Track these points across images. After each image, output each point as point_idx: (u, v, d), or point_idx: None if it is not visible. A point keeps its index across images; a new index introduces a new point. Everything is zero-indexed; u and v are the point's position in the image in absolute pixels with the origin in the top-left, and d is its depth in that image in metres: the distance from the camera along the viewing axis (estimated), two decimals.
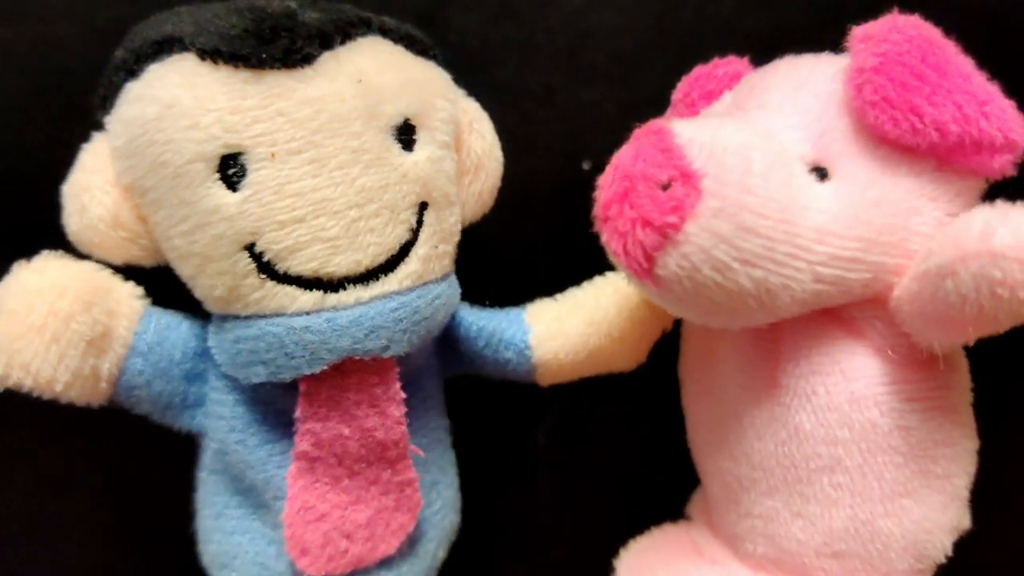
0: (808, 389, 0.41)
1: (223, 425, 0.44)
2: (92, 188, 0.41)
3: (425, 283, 0.43)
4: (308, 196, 0.39)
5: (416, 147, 0.43)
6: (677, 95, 0.50)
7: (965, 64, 0.40)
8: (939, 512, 0.42)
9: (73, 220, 0.42)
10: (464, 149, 0.48)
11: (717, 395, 0.47)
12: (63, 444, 0.58)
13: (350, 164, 0.40)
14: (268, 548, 0.45)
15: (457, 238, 0.47)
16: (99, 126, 0.42)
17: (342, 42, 0.41)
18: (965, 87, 0.38)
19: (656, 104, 0.51)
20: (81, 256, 0.42)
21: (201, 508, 0.47)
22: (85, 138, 0.43)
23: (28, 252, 0.42)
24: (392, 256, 0.42)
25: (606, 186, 0.39)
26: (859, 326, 0.41)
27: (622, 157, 0.39)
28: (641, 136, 0.39)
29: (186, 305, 0.45)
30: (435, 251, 0.44)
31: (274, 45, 0.39)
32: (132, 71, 0.40)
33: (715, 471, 0.47)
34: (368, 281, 0.41)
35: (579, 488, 0.63)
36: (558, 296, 0.52)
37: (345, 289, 0.41)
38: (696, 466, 0.51)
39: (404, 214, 0.42)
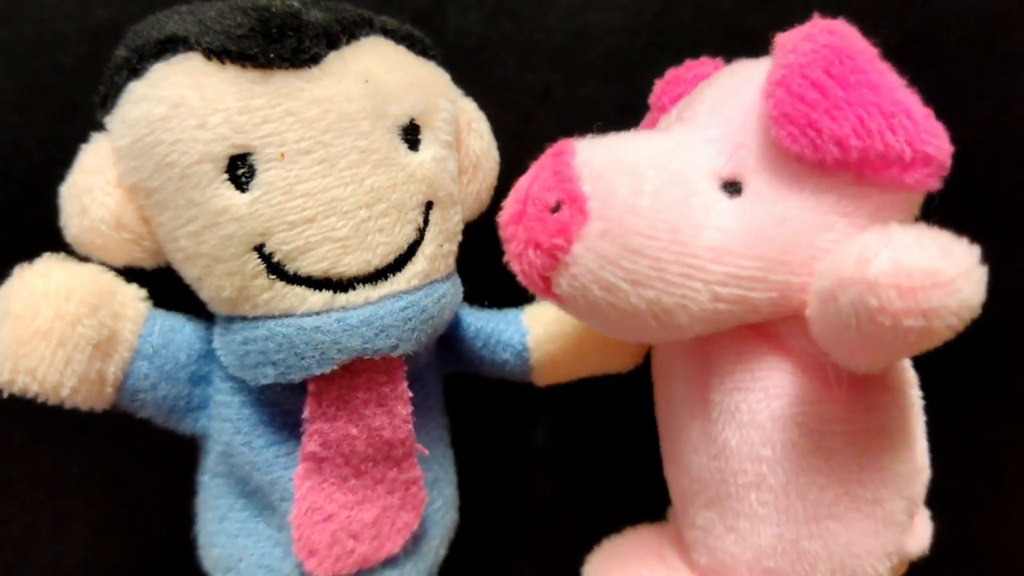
0: (732, 406, 0.41)
1: (229, 427, 0.44)
2: (93, 189, 0.40)
3: (431, 282, 0.44)
4: (318, 196, 0.39)
5: (421, 147, 0.43)
6: (652, 99, 0.50)
7: (878, 73, 0.38)
8: (869, 537, 0.41)
9: (73, 222, 0.41)
10: (463, 149, 0.48)
11: (668, 406, 0.47)
12: (62, 444, 0.57)
13: (359, 164, 0.40)
14: (274, 550, 0.45)
15: (460, 237, 0.47)
16: (98, 126, 0.42)
17: (347, 42, 0.41)
18: (871, 99, 0.36)
19: None
20: (80, 258, 0.42)
21: (204, 511, 0.47)
22: (84, 138, 0.42)
23: (27, 252, 0.41)
24: (400, 256, 0.42)
25: (505, 207, 0.40)
26: (785, 343, 0.41)
27: (522, 179, 0.40)
28: (544, 157, 0.40)
29: (185, 306, 0.45)
30: (440, 250, 0.44)
31: (282, 45, 0.39)
32: (135, 70, 0.39)
33: (670, 479, 0.48)
34: (377, 281, 0.41)
35: (577, 487, 0.64)
36: None
37: (354, 289, 0.40)
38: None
39: (411, 214, 0.42)
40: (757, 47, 0.48)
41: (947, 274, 0.30)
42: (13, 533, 0.58)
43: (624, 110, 0.52)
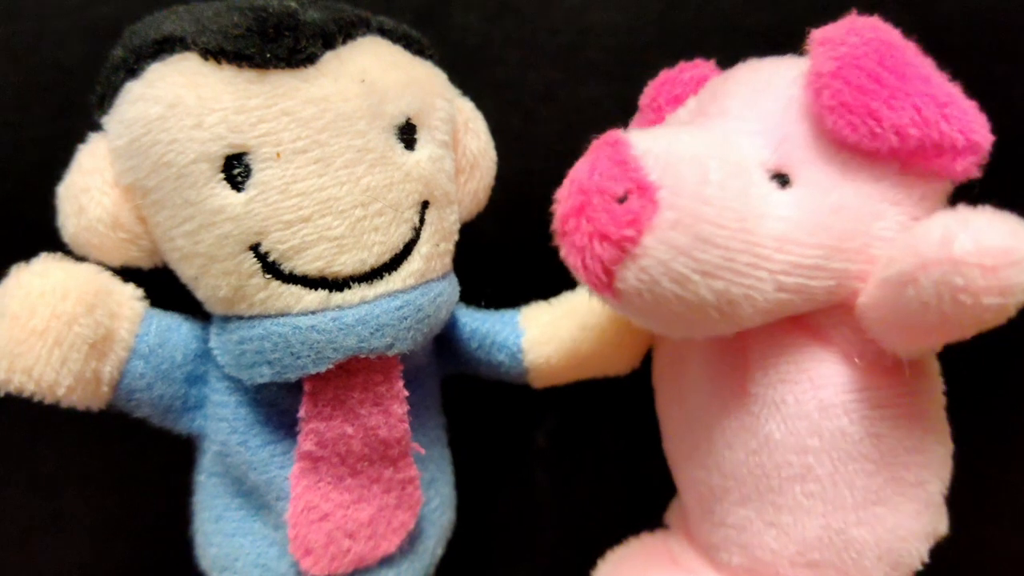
0: (777, 398, 0.41)
1: (225, 427, 0.44)
2: (90, 189, 0.40)
3: (427, 281, 0.43)
4: (314, 195, 0.39)
5: (418, 146, 0.43)
6: (644, 100, 0.50)
7: (924, 66, 0.39)
8: (913, 519, 0.41)
9: (70, 222, 0.41)
10: (460, 148, 0.48)
11: (686, 403, 0.46)
12: (62, 444, 0.57)
13: (355, 163, 0.40)
14: (270, 549, 0.45)
15: (456, 236, 0.47)
16: (96, 126, 0.42)
17: (344, 42, 0.41)
18: (924, 89, 0.37)
19: None
20: (77, 258, 0.42)
21: (200, 511, 0.47)
22: (84, 136, 0.42)
23: (25, 250, 0.41)
24: (396, 255, 0.42)
25: (563, 200, 0.39)
26: (827, 333, 0.41)
27: (578, 170, 0.39)
28: (597, 148, 0.39)
29: (181, 307, 0.45)
30: (436, 249, 0.44)
31: (278, 44, 0.39)
32: (132, 71, 0.39)
33: (689, 481, 0.47)
34: (372, 280, 0.41)
35: (578, 489, 0.63)
36: (553, 300, 0.52)
37: (350, 288, 0.40)
38: (672, 475, 0.50)
39: (407, 213, 0.42)
40: (759, 47, 0.48)
41: (1021, 251, 0.31)
42: (13, 533, 0.58)
43: (627, 109, 0.52)
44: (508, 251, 0.58)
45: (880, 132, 0.37)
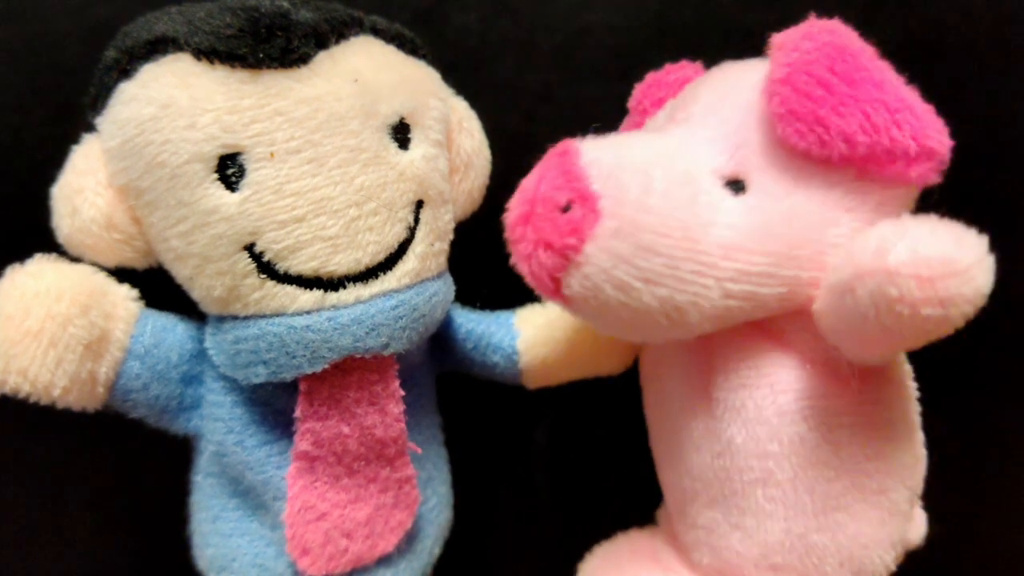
0: (738, 403, 0.41)
1: (221, 427, 0.44)
2: (84, 190, 0.40)
3: (423, 281, 0.43)
4: (308, 195, 0.39)
5: (411, 146, 0.43)
6: (632, 102, 0.50)
7: (879, 71, 0.38)
8: (876, 527, 0.41)
9: (64, 223, 0.41)
10: (454, 147, 0.48)
11: (664, 407, 0.47)
12: (62, 444, 0.57)
13: (349, 163, 0.40)
14: (267, 549, 0.45)
15: (451, 236, 0.47)
16: (89, 127, 0.42)
17: (336, 42, 0.41)
18: (875, 95, 0.37)
19: None
20: (72, 259, 0.42)
21: (197, 511, 0.47)
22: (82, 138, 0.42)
23: (25, 251, 0.41)
24: (391, 254, 0.42)
25: (512, 208, 0.39)
26: (788, 338, 0.41)
27: (528, 179, 0.39)
28: (549, 158, 0.39)
29: (176, 307, 0.45)
30: (431, 249, 0.44)
31: (270, 45, 0.39)
32: (125, 71, 0.40)
33: (666, 482, 0.48)
34: (367, 279, 0.41)
35: (576, 487, 0.63)
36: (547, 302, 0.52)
37: (345, 288, 0.40)
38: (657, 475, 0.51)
39: (402, 212, 0.42)
40: (758, 46, 0.47)
41: (963, 262, 0.30)
42: (13, 533, 0.59)
43: (625, 110, 0.52)
44: (504, 251, 0.58)
45: (828, 139, 0.37)
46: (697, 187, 0.38)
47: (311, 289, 0.40)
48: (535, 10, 0.56)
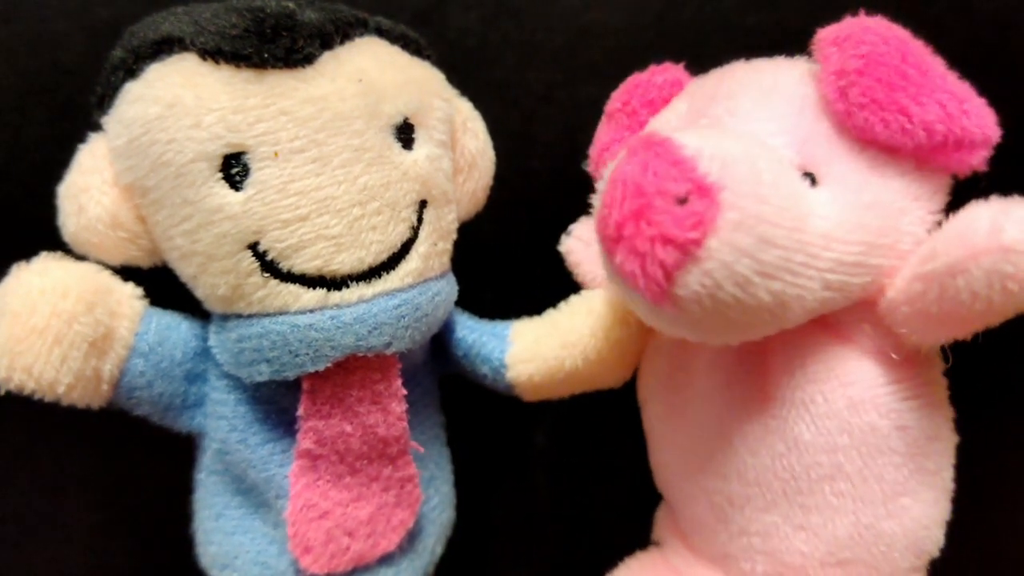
0: (805, 398, 0.41)
1: (224, 425, 0.44)
2: (90, 188, 0.41)
3: (426, 280, 0.44)
4: (311, 194, 0.39)
5: (415, 146, 0.43)
6: (613, 105, 0.49)
7: (939, 63, 0.40)
8: (933, 507, 0.42)
9: (70, 221, 0.41)
10: (458, 148, 0.48)
11: (693, 415, 0.45)
12: (62, 444, 0.57)
13: (352, 163, 0.40)
14: (269, 547, 0.45)
15: (455, 236, 0.47)
16: (95, 126, 0.42)
17: (341, 42, 0.41)
18: (945, 86, 0.38)
19: None
20: (78, 257, 0.42)
21: (200, 509, 0.47)
22: (84, 137, 0.42)
23: (26, 250, 0.41)
24: (394, 254, 0.42)
25: (616, 204, 0.35)
26: (847, 330, 0.41)
27: (629, 172, 0.36)
28: (644, 148, 0.36)
29: (180, 305, 0.45)
30: (435, 248, 0.44)
31: (275, 45, 0.39)
32: (131, 71, 0.40)
33: (697, 492, 0.46)
34: (370, 279, 0.41)
35: (577, 489, 0.63)
36: (544, 314, 0.51)
37: (348, 287, 0.41)
38: (664, 490, 0.50)
39: (405, 212, 0.42)
40: (758, 47, 0.48)
41: None
42: (13, 534, 0.59)
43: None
44: (506, 251, 0.59)
45: (910, 128, 0.38)
46: (793, 177, 0.38)
47: (314, 288, 0.40)
48: (536, 11, 0.56)
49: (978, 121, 0.38)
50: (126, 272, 0.43)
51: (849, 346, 0.41)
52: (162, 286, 0.44)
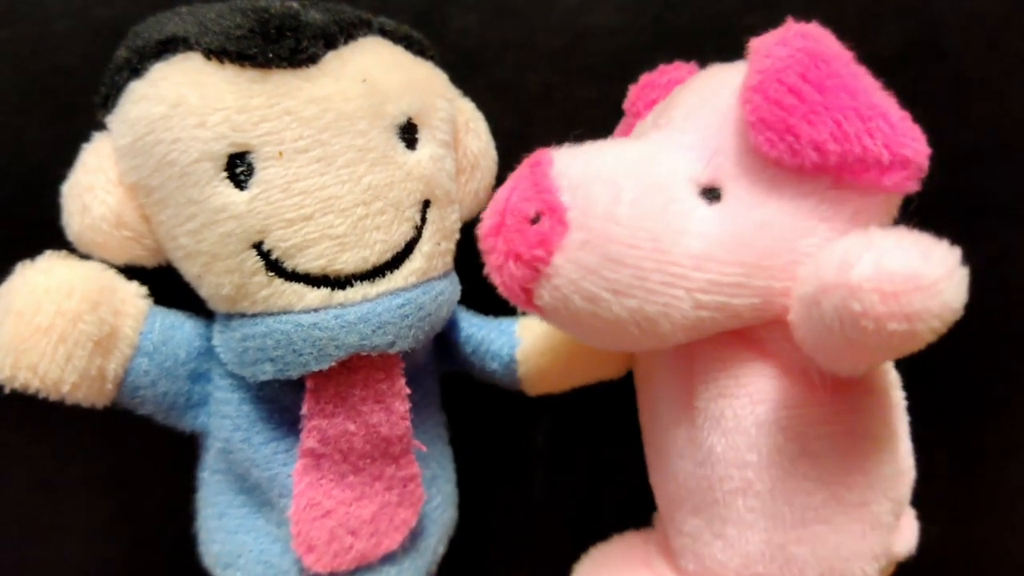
0: (717, 412, 0.41)
1: (228, 424, 0.44)
2: (95, 188, 0.41)
3: (429, 280, 0.44)
4: (316, 194, 0.39)
5: (419, 146, 0.44)
6: (627, 104, 0.50)
7: (853, 77, 0.37)
8: (857, 540, 0.40)
9: (74, 220, 0.42)
10: (460, 148, 0.48)
11: (653, 412, 0.47)
12: (62, 444, 0.57)
13: (356, 162, 0.40)
14: (273, 546, 0.45)
15: (457, 235, 0.47)
16: (100, 125, 0.42)
17: (345, 42, 0.42)
18: (848, 103, 0.36)
19: None
20: (81, 256, 0.42)
21: (203, 508, 0.47)
22: (84, 137, 0.42)
23: (27, 250, 0.41)
24: (398, 253, 0.42)
25: (484, 219, 0.40)
26: (767, 347, 0.40)
27: (500, 190, 0.40)
28: (522, 168, 0.40)
29: (184, 305, 0.45)
30: (438, 248, 0.44)
31: (280, 45, 0.39)
32: (136, 70, 0.40)
33: (655, 486, 0.48)
34: (374, 278, 0.41)
35: (576, 489, 0.63)
36: None
37: (352, 286, 0.41)
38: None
39: (409, 212, 0.42)
40: None
41: (928, 277, 0.30)
42: (13, 533, 0.58)
43: (623, 111, 0.52)
44: None
45: (799, 148, 0.36)
46: (669, 196, 0.38)
47: (318, 287, 0.40)
48: (535, 12, 0.57)
49: (886, 140, 0.36)
50: (129, 272, 0.43)
51: (767, 363, 0.40)
52: (165, 285, 0.44)
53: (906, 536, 0.46)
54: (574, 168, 0.38)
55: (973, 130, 0.40)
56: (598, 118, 0.57)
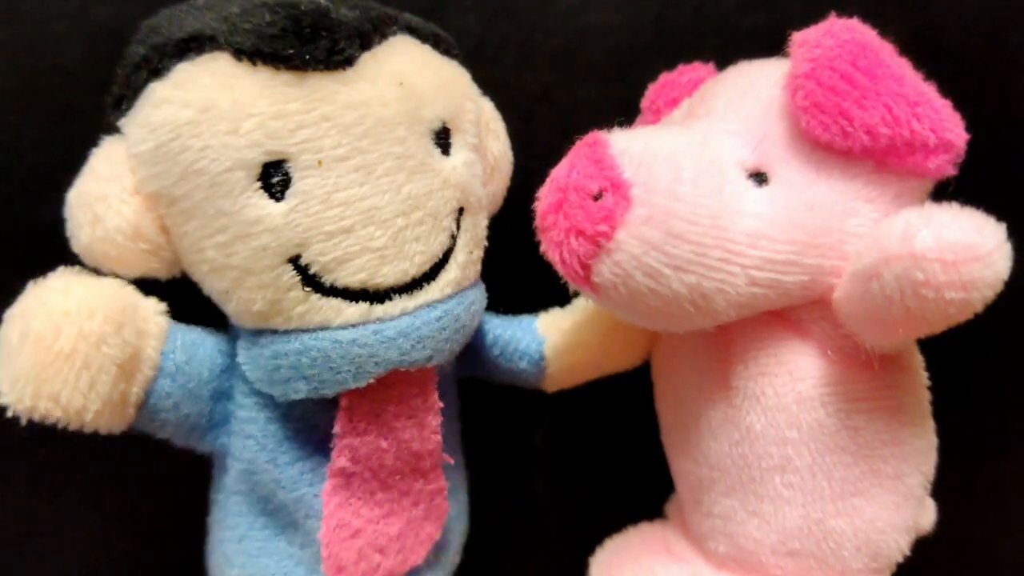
0: (757, 390, 0.42)
1: (252, 444, 0.42)
2: (108, 197, 0.37)
3: (463, 290, 0.42)
4: (356, 205, 0.37)
5: (452, 151, 0.42)
6: (645, 102, 0.51)
7: (898, 66, 0.40)
8: (892, 512, 0.42)
9: (84, 232, 0.38)
10: (482, 151, 0.46)
11: (679, 397, 0.47)
12: (62, 444, 0.54)
13: (396, 171, 0.38)
14: (296, 568, 0.43)
15: (486, 243, 0.46)
16: (109, 128, 0.39)
17: (379, 42, 0.40)
18: (896, 89, 0.38)
19: None
20: (89, 269, 0.39)
21: (220, 531, 0.45)
22: (84, 137, 0.39)
23: (26, 253, 0.39)
24: (435, 264, 0.41)
25: (543, 197, 0.40)
26: (806, 327, 0.42)
27: (559, 169, 0.40)
28: (578, 148, 0.40)
29: (188, 317, 0.42)
30: (470, 257, 0.43)
31: (315, 45, 0.37)
32: (156, 70, 0.37)
33: (681, 472, 0.48)
34: (412, 291, 0.40)
35: (576, 490, 0.64)
36: (568, 306, 0.52)
37: (391, 300, 0.39)
38: (670, 467, 0.51)
39: (446, 221, 0.41)
40: (757, 47, 0.49)
41: (984, 248, 0.32)
42: (13, 534, 0.56)
43: (624, 111, 0.52)
44: (504, 251, 0.58)
45: (851, 131, 0.38)
46: (724, 177, 0.39)
47: (357, 302, 0.38)
48: (534, 11, 0.56)
49: (932, 124, 0.38)
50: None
51: (806, 342, 0.42)
52: (163, 294, 0.41)
53: (928, 511, 0.48)
54: (634, 147, 0.39)
55: (973, 130, 0.41)
56: (597, 118, 0.56)
